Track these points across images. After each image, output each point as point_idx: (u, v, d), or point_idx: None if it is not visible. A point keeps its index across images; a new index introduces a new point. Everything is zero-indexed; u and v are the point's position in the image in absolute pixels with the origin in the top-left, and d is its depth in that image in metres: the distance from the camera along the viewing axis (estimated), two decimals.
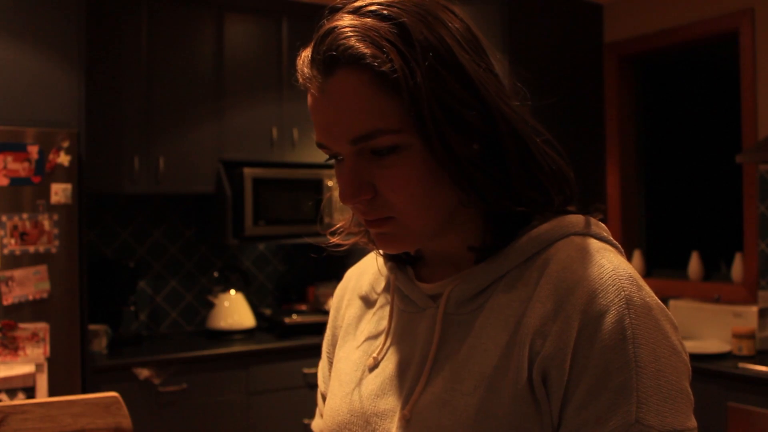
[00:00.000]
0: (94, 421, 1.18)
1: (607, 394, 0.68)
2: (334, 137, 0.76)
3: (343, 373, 0.90)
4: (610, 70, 4.08)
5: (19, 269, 2.94)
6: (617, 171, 4.06)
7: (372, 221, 0.79)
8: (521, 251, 0.78)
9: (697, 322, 3.36)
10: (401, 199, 0.76)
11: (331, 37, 0.74)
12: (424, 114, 0.72)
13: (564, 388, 0.70)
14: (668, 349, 0.71)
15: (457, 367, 0.77)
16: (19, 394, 2.90)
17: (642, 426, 0.67)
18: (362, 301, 0.95)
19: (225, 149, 3.76)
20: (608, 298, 0.71)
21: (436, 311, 0.82)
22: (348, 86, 0.73)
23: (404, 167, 0.75)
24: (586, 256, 0.75)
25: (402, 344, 0.85)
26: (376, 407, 0.84)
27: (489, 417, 0.73)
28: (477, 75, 0.76)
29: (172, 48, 3.65)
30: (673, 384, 0.70)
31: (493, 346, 0.75)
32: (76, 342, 3.04)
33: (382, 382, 0.84)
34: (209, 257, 4.07)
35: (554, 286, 0.74)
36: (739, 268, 3.53)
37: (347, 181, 0.76)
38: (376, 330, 0.90)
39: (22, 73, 3.04)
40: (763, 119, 3.42)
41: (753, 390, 2.79)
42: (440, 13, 0.77)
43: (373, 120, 0.73)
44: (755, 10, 3.44)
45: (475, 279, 0.80)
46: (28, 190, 2.96)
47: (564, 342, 0.71)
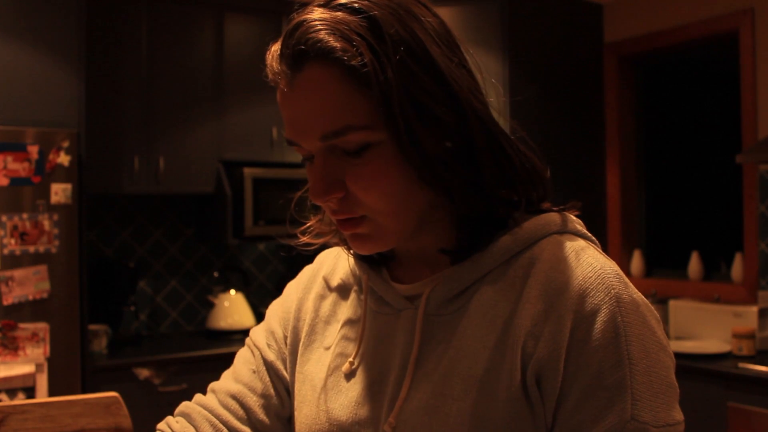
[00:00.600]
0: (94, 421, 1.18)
1: (602, 393, 0.68)
2: (304, 134, 0.74)
3: (316, 377, 0.86)
4: (610, 70, 4.08)
5: (19, 269, 2.94)
6: (617, 171, 4.06)
7: (344, 221, 0.76)
8: (505, 250, 0.77)
9: (697, 322, 3.36)
10: (373, 197, 0.74)
11: (300, 31, 0.72)
12: (393, 109, 0.70)
13: (559, 388, 0.70)
14: (656, 345, 0.71)
15: (443, 371, 0.75)
16: (19, 394, 2.90)
17: (637, 423, 0.68)
18: (336, 295, 0.91)
19: (225, 149, 3.76)
20: (599, 297, 0.71)
21: (415, 312, 0.79)
22: (317, 81, 0.71)
23: (375, 164, 0.73)
24: (571, 255, 0.75)
25: (379, 348, 0.81)
26: (356, 416, 0.80)
27: (484, 421, 0.71)
28: (449, 70, 0.74)
29: (172, 48, 3.65)
30: (663, 379, 0.71)
31: (481, 348, 0.73)
32: (76, 342, 3.04)
33: (361, 389, 0.81)
34: (209, 257, 4.07)
35: (543, 287, 0.73)
36: (739, 268, 3.53)
37: (317, 179, 0.74)
38: (349, 332, 0.86)
39: (22, 73, 3.04)
40: (763, 119, 3.42)
41: (753, 390, 2.79)
42: (413, 8, 0.75)
43: (343, 116, 0.71)
44: (755, 10, 3.44)
45: (456, 279, 0.77)
46: (28, 190, 2.96)
47: (557, 343, 0.70)
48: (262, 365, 0.94)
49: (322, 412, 0.83)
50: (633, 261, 3.98)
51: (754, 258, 3.44)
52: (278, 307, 0.97)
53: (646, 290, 3.77)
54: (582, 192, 4.04)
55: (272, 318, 0.97)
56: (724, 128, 4.08)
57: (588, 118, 4.07)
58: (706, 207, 4.75)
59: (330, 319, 0.89)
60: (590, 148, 4.08)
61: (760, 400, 2.76)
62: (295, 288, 0.97)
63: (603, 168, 4.11)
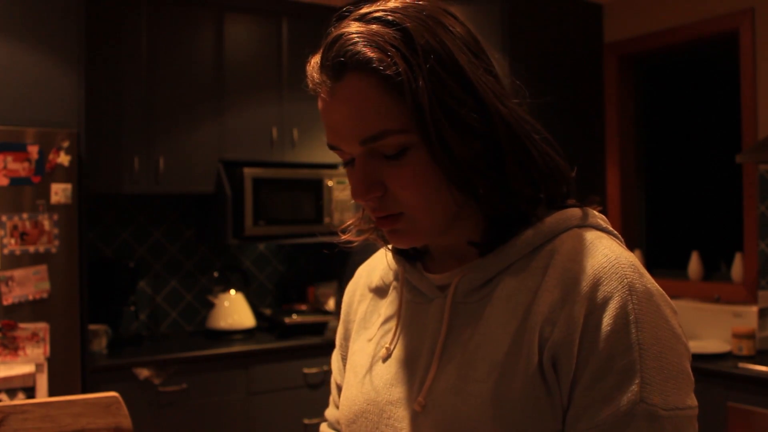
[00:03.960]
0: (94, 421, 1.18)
1: (613, 376, 0.72)
2: (345, 139, 0.80)
3: (358, 364, 0.94)
4: (610, 70, 4.08)
5: (19, 269, 2.94)
6: (617, 171, 4.06)
7: (383, 218, 0.82)
8: (527, 243, 0.82)
9: (697, 322, 3.36)
10: (410, 196, 0.80)
11: (339, 44, 0.78)
12: (425, 115, 0.75)
13: (573, 371, 0.74)
14: (669, 333, 0.75)
15: (468, 355, 0.80)
16: (19, 394, 2.90)
17: (646, 404, 0.71)
18: (374, 295, 0.98)
19: (225, 149, 3.76)
20: (612, 285, 0.75)
21: (444, 300, 0.85)
22: (356, 90, 0.77)
23: (412, 166, 0.78)
24: (589, 246, 0.80)
25: (412, 333, 0.88)
26: (390, 396, 0.87)
27: (504, 402, 0.76)
28: (476, 77, 0.79)
29: (172, 48, 3.65)
30: (675, 365, 0.74)
31: (503, 334, 0.79)
32: (76, 342, 3.04)
33: (395, 372, 0.87)
34: (209, 257, 4.07)
35: (561, 276, 0.78)
36: (739, 268, 3.53)
37: (358, 180, 0.80)
38: (388, 322, 0.93)
39: (22, 73, 3.04)
40: (763, 119, 3.42)
41: (753, 390, 2.79)
42: (441, 18, 0.81)
43: (380, 121, 0.77)
44: (755, 10, 3.44)
45: (482, 269, 0.83)
46: (28, 190, 2.96)
47: (572, 328, 0.74)
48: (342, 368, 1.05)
49: (360, 394, 0.91)
50: None
51: (754, 258, 3.44)
52: (342, 313, 1.06)
53: None
54: (582, 192, 4.03)
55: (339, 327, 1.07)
56: (724, 128, 4.08)
57: (588, 118, 4.07)
58: (706, 207, 4.75)
59: (372, 314, 0.97)
60: (590, 148, 4.08)
61: (760, 400, 2.76)
62: (349, 289, 1.06)
63: (603, 168, 4.11)
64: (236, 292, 3.89)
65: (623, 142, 4.08)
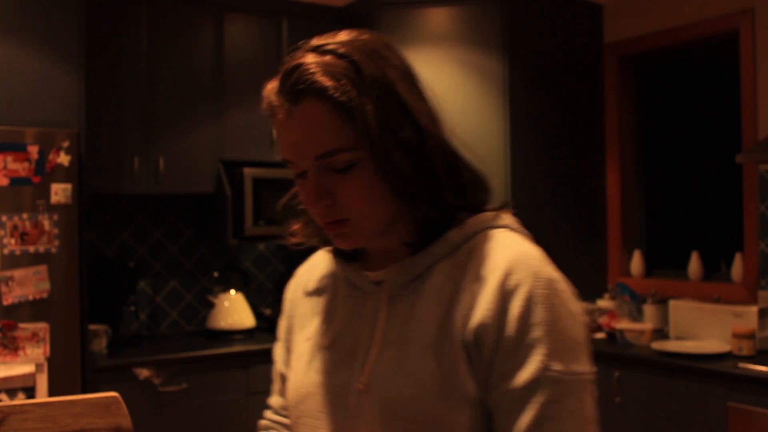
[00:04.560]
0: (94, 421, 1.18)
1: (524, 349, 0.89)
2: (301, 154, 0.93)
3: (304, 353, 1.06)
4: (610, 70, 4.08)
5: (19, 269, 2.94)
6: (617, 171, 4.06)
7: (330, 223, 0.95)
8: (451, 242, 0.97)
9: (697, 322, 3.36)
10: (356, 204, 0.93)
11: (299, 72, 0.90)
12: (372, 135, 0.90)
13: (492, 347, 0.90)
14: (567, 311, 0.91)
15: (404, 339, 0.95)
16: (19, 394, 2.90)
17: (552, 371, 0.88)
18: (315, 293, 1.11)
19: (225, 149, 3.76)
20: (521, 274, 0.91)
21: (380, 294, 0.99)
22: (312, 112, 0.90)
23: (358, 178, 0.92)
24: (501, 243, 0.96)
25: (351, 324, 1.01)
26: (334, 379, 1.00)
27: (435, 376, 0.91)
28: (413, 103, 0.94)
29: (172, 48, 3.65)
30: (573, 338, 0.91)
31: (433, 320, 0.94)
32: (76, 342, 3.04)
33: (338, 358, 1.01)
34: (209, 257, 4.07)
35: (479, 269, 0.93)
36: (739, 268, 3.53)
37: (311, 190, 0.93)
38: (329, 315, 1.06)
39: (22, 73, 3.04)
40: (763, 119, 3.42)
41: (753, 390, 2.79)
42: (384, 51, 0.95)
43: (333, 140, 0.90)
44: (755, 10, 3.44)
45: (414, 265, 0.98)
46: (28, 190, 2.96)
47: (490, 311, 0.90)
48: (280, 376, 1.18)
49: (306, 379, 1.03)
50: (633, 261, 3.97)
51: (754, 258, 3.44)
52: (285, 309, 1.18)
53: (646, 290, 3.77)
54: (582, 192, 4.04)
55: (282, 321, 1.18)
56: (724, 128, 4.08)
57: (588, 118, 4.07)
58: (706, 207, 4.75)
59: (314, 309, 1.10)
60: (590, 148, 4.08)
61: (760, 400, 2.76)
62: (291, 287, 1.19)
63: (603, 168, 4.11)
64: (236, 292, 3.89)
65: (623, 142, 4.08)
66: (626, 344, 3.35)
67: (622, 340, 3.37)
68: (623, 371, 3.23)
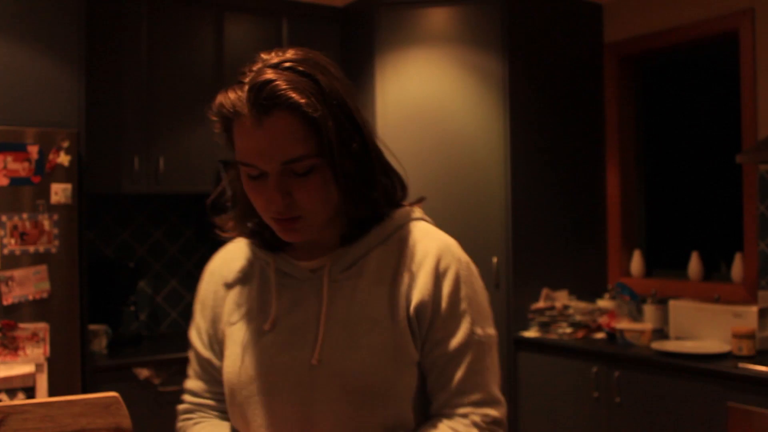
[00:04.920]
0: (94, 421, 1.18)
1: (454, 319, 1.11)
2: (266, 159, 1.02)
3: (242, 339, 1.15)
4: (610, 70, 4.08)
5: (19, 269, 2.94)
6: (617, 171, 4.06)
7: (284, 220, 1.07)
8: (383, 233, 1.14)
9: (697, 322, 3.36)
10: (310, 203, 1.05)
11: (271, 87, 1.00)
12: (332, 144, 1.03)
13: (429, 319, 1.10)
14: (481, 287, 1.16)
15: (352, 316, 1.10)
16: (19, 394, 2.90)
17: (475, 335, 1.12)
18: (238, 284, 1.20)
19: (225, 149, 3.75)
20: (448, 259, 1.12)
21: (320, 279, 1.12)
22: (282, 124, 1.00)
23: (315, 181, 1.04)
24: (427, 233, 1.16)
25: (293, 308, 1.13)
26: (284, 359, 1.10)
27: (387, 347, 1.08)
28: (357, 114, 1.08)
29: (172, 48, 3.65)
30: (485, 309, 1.15)
31: (378, 298, 1.10)
32: (76, 342, 3.04)
33: (284, 339, 1.11)
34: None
35: (413, 255, 1.13)
36: (739, 268, 3.53)
37: (274, 191, 1.03)
38: (263, 302, 1.15)
39: (22, 73, 3.04)
40: (763, 119, 3.42)
41: (753, 390, 2.79)
42: (330, 69, 1.07)
43: (299, 149, 1.02)
44: (755, 10, 3.44)
45: (350, 254, 1.13)
46: (28, 190, 2.96)
47: (427, 290, 1.10)
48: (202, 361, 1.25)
49: (251, 361, 1.12)
50: (633, 261, 3.97)
51: (754, 258, 3.44)
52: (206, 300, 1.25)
53: (646, 290, 3.77)
54: (582, 192, 4.04)
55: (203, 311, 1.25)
56: (724, 128, 4.08)
57: (588, 118, 4.07)
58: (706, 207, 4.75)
59: (242, 297, 1.19)
60: (590, 148, 4.08)
61: (760, 400, 2.76)
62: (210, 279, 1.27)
63: (603, 168, 4.11)
64: None
65: (623, 142, 4.08)
66: (626, 344, 3.35)
67: (622, 340, 3.37)
68: (623, 371, 3.23)
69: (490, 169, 3.73)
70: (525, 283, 3.75)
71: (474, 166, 3.73)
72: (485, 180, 3.72)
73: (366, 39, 3.85)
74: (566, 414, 3.49)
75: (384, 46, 3.78)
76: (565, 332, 3.59)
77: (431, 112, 3.75)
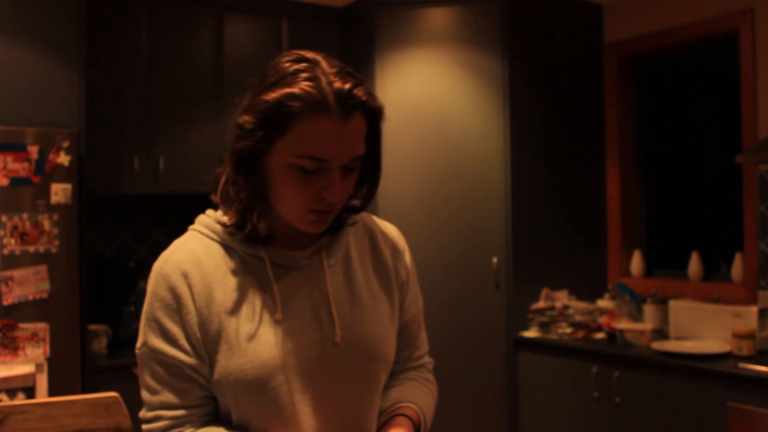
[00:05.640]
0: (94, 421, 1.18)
1: (414, 287, 1.36)
2: (339, 155, 1.10)
3: (257, 332, 1.15)
4: (610, 70, 4.08)
5: (19, 269, 2.94)
6: (617, 171, 4.06)
7: (326, 211, 1.15)
8: (356, 223, 1.30)
9: (697, 322, 3.36)
10: (346, 196, 1.17)
11: (360, 90, 1.10)
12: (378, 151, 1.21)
13: (404, 288, 1.33)
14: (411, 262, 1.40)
15: (354, 296, 1.23)
16: (19, 394, 2.90)
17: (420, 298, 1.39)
18: (224, 281, 1.17)
19: (225, 149, 3.75)
20: (402, 241, 1.36)
21: (319, 265, 1.22)
22: (359, 124, 1.11)
23: (352, 179, 1.15)
24: (381, 222, 1.36)
25: (296, 296, 1.19)
26: (307, 341, 1.16)
27: (388, 316, 1.27)
28: None
29: (172, 48, 3.65)
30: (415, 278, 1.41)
31: (370, 277, 1.27)
32: (76, 342, 3.04)
33: (299, 325, 1.17)
34: None
35: (382, 237, 1.33)
36: (739, 268, 3.53)
37: (337, 183, 1.11)
38: (264, 294, 1.17)
39: (22, 73, 3.04)
40: (763, 119, 3.42)
41: (753, 390, 2.79)
42: None
43: (362, 147, 1.14)
44: (755, 10, 3.44)
45: (340, 241, 1.26)
46: (28, 190, 2.96)
47: (403, 265, 1.33)
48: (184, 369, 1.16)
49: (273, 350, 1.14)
50: (633, 261, 3.97)
51: (754, 258, 3.44)
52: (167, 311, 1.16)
53: (646, 290, 3.77)
54: (582, 192, 4.04)
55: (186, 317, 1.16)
56: (724, 128, 4.08)
57: (588, 118, 4.07)
58: (706, 207, 4.75)
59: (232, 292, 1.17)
60: (590, 148, 4.08)
61: (760, 400, 2.76)
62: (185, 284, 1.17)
63: (603, 168, 4.11)
64: None
65: (623, 142, 4.08)
66: (626, 344, 3.35)
67: (622, 340, 3.37)
68: (623, 371, 3.23)
69: (490, 169, 3.73)
70: (525, 283, 3.75)
71: (474, 166, 3.73)
72: (485, 180, 3.72)
73: (366, 39, 3.85)
74: (566, 414, 3.49)
75: (384, 46, 3.79)
76: (565, 332, 3.59)
77: (431, 112, 3.75)
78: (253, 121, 1.11)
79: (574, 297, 3.85)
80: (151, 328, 1.16)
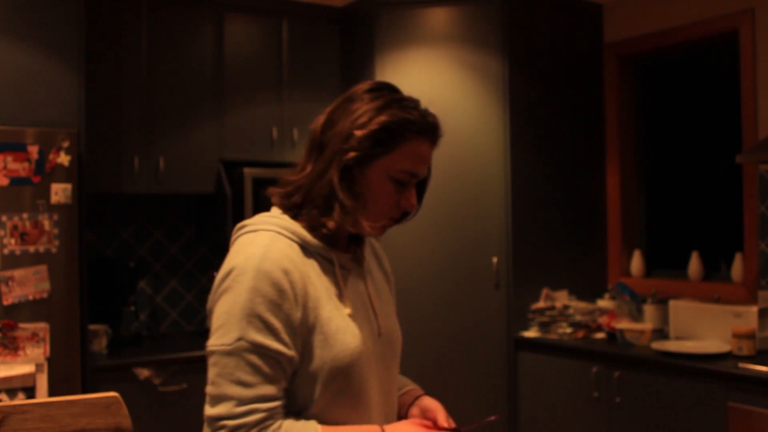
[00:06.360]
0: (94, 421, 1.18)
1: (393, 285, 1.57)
2: (423, 173, 1.36)
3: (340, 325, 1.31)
4: (610, 70, 4.08)
5: (19, 269, 2.94)
6: (617, 171, 4.06)
7: (398, 219, 1.39)
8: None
9: (697, 322, 3.36)
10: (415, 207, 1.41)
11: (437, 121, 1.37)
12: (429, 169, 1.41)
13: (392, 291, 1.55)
14: None
15: (381, 295, 1.46)
16: (19, 394, 2.90)
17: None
18: (314, 278, 1.32)
19: (225, 149, 3.76)
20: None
21: (359, 270, 1.42)
22: (433, 150, 1.38)
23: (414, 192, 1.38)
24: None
25: (354, 294, 1.38)
26: (368, 335, 1.36)
27: (394, 311, 1.50)
28: None
29: (172, 48, 3.65)
30: None
31: (381, 279, 1.50)
32: (76, 342, 3.04)
33: (362, 317, 1.36)
34: (209, 257, 4.06)
35: (375, 245, 1.54)
36: (739, 268, 3.53)
37: (414, 195, 1.37)
38: (340, 291, 1.35)
39: (22, 73, 3.04)
40: (763, 119, 3.42)
41: (753, 390, 2.79)
42: None
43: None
44: (755, 10, 3.44)
45: (368, 245, 1.49)
46: (28, 190, 2.96)
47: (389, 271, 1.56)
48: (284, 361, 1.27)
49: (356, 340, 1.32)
50: (633, 261, 3.97)
51: (754, 258, 3.44)
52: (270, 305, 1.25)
53: (646, 290, 3.77)
54: (582, 192, 4.04)
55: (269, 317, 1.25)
56: (724, 128, 4.08)
57: (588, 118, 4.07)
58: (706, 207, 4.74)
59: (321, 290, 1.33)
60: (590, 148, 4.08)
61: (760, 400, 2.76)
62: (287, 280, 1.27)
63: (603, 168, 4.11)
64: None
65: (623, 142, 4.08)
66: (626, 344, 3.35)
67: (622, 340, 3.37)
68: (623, 371, 3.23)
69: (490, 169, 3.73)
70: (525, 283, 3.75)
71: (474, 166, 3.73)
72: (485, 180, 3.72)
73: (366, 39, 3.85)
74: (566, 414, 3.49)
75: (384, 47, 3.78)
76: (565, 332, 3.59)
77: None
78: (367, 137, 1.28)
79: (574, 297, 3.85)
80: (251, 323, 1.23)
